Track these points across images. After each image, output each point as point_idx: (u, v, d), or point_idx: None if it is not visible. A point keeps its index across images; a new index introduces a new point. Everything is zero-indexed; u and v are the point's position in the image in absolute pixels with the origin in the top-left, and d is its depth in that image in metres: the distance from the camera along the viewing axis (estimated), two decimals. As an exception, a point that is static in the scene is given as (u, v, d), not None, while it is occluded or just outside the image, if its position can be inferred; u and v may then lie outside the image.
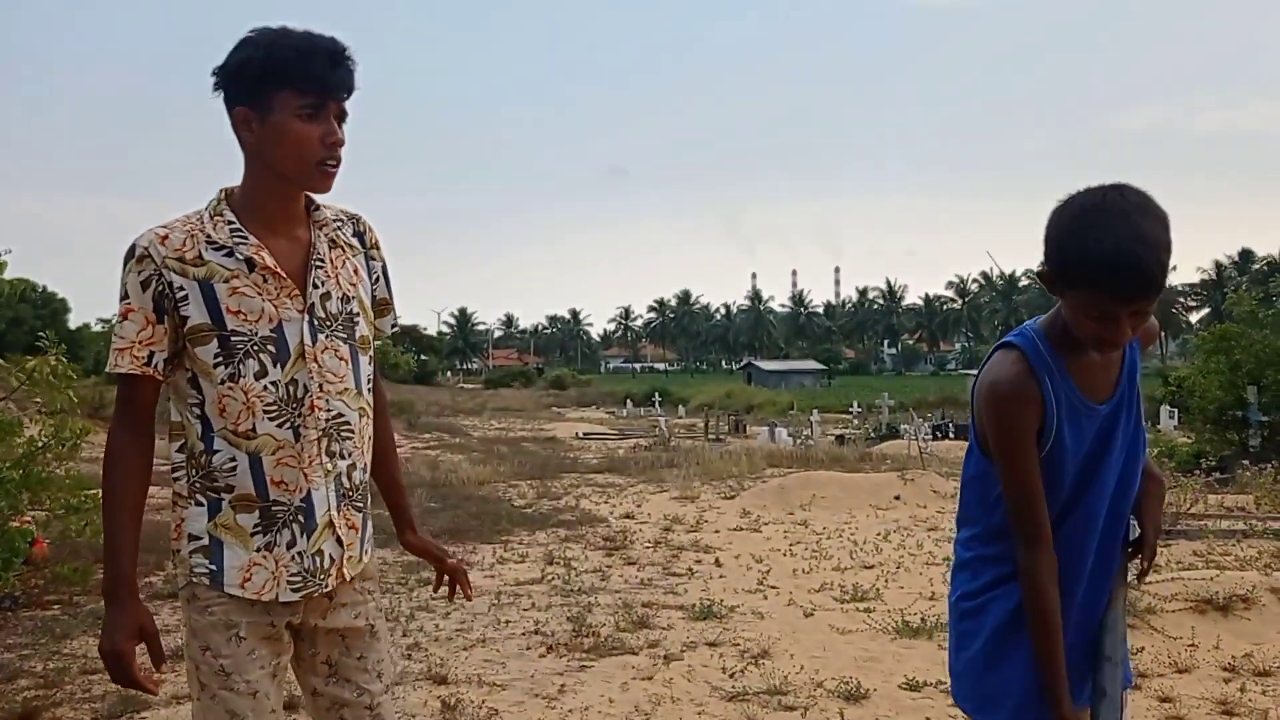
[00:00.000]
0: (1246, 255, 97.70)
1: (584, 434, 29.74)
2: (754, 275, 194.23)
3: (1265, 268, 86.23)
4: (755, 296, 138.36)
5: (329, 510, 2.09)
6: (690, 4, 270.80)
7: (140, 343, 1.99)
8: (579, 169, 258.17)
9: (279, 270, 2.02)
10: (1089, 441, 1.99)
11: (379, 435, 2.32)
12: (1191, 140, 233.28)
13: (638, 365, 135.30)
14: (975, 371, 2.09)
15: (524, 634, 6.05)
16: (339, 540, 2.11)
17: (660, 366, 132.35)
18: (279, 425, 2.02)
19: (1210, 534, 8.46)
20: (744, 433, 30.82)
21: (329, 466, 2.08)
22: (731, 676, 5.17)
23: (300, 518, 2.05)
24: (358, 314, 2.15)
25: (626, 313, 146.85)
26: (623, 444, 25.14)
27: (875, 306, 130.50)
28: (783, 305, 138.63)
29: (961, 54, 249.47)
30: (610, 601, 6.86)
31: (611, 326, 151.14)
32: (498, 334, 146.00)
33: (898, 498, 11.95)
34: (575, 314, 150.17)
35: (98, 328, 52.93)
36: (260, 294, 2.01)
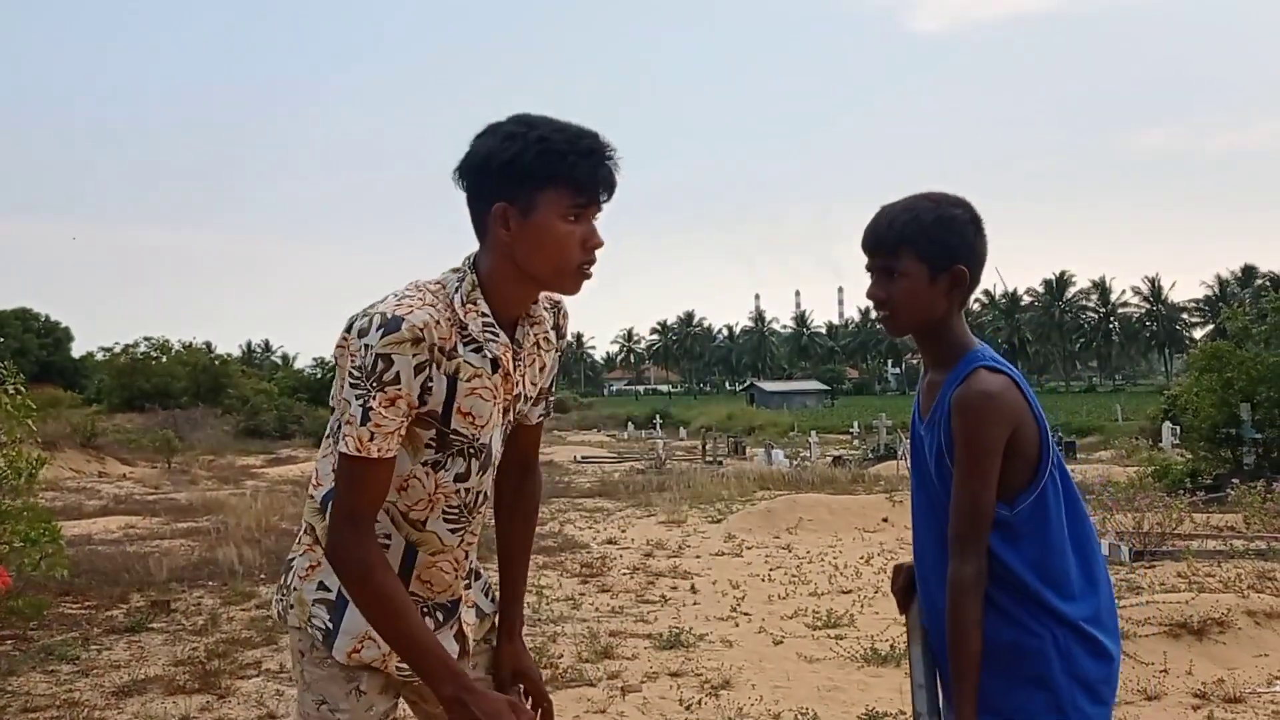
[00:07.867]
0: (1249, 271, 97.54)
1: (582, 458, 29.57)
2: (757, 296, 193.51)
3: (1267, 283, 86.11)
4: (758, 317, 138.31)
5: (463, 593, 2.04)
6: (693, 22, 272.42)
7: (399, 430, 1.79)
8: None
9: (513, 374, 1.88)
10: (917, 447, 2.14)
11: (528, 521, 2.20)
12: (1202, 161, 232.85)
13: (641, 388, 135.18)
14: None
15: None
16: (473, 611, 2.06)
17: (664, 389, 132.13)
18: (451, 529, 1.92)
19: (1190, 555, 8.31)
20: (743, 454, 30.67)
21: (469, 567, 2.02)
22: (688, 709, 5.05)
23: (439, 614, 1.97)
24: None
25: (629, 335, 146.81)
26: (620, 467, 24.98)
27: (878, 326, 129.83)
28: (785, 326, 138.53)
29: (967, 76, 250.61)
30: (577, 630, 6.74)
31: (615, 349, 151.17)
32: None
33: (885, 520, 11.82)
34: (579, 337, 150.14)
35: (100, 356, 53.22)
36: (494, 399, 1.86)
